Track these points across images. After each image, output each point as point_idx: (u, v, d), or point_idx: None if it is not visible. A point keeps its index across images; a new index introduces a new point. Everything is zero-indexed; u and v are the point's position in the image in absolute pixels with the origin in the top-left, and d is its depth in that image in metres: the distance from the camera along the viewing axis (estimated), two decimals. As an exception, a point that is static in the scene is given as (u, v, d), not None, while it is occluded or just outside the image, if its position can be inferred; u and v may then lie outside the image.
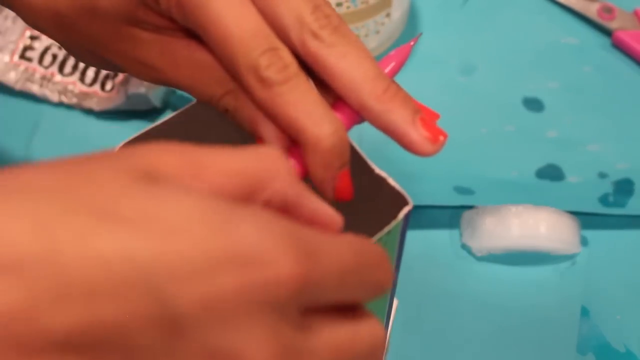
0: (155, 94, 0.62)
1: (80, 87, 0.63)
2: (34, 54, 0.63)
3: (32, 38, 0.64)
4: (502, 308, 0.56)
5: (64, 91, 0.63)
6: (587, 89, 0.65)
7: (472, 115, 0.63)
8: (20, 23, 0.64)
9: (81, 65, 0.63)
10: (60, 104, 0.63)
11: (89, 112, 0.63)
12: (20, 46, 0.64)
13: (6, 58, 0.63)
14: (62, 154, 0.58)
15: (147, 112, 0.63)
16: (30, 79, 0.63)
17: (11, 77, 0.63)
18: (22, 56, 0.63)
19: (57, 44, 0.61)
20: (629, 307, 0.56)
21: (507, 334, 0.55)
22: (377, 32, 0.62)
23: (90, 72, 0.63)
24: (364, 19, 0.61)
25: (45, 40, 0.64)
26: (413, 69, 0.65)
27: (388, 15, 0.62)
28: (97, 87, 0.63)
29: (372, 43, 0.63)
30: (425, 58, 0.66)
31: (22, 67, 0.63)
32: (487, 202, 0.58)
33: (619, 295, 0.57)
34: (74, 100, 0.63)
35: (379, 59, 0.36)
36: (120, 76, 0.63)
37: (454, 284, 0.57)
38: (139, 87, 0.61)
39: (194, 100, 0.40)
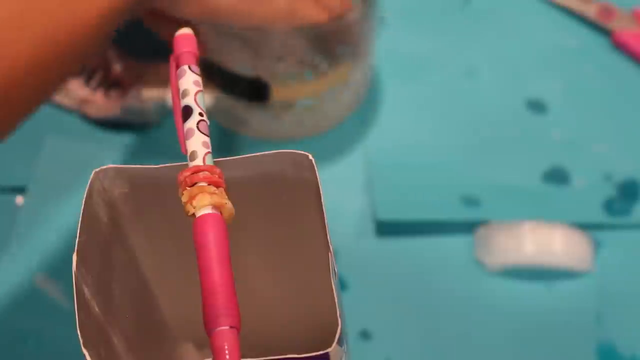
0: (150, 108, 0.62)
1: (83, 92, 0.63)
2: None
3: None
4: (516, 316, 0.56)
5: (67, 93, 0.63)
6: (589, 89, 0.66)
7: (476, 119, 0.64)
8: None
9: (88, 68, 0.62)
10: (59, 107, 0.64)
11: (83, 118, 0.64)
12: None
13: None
14: (56, 154, 0.61)
15: (140, 127, 0.63)
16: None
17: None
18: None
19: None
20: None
21: (521, 343, 0.55)
22: (335, 101, 0.60)
23: (97, 78, 0.62)
24: (321, 90, 0.59)
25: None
26: (415, 74, 0.66)
27: (346, 85, 0.60)
28: (99, 94, 0.63)
29: (330, 113, 0.61)
30: (427, 63, 0.66)
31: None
32: (496, 214, 0.58)
33: (634, 301, 0.57)
34: (74, 104, 0.63)
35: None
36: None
37: (469, 292, 0.57)
38: (135, 101, 0.62)
39: None
